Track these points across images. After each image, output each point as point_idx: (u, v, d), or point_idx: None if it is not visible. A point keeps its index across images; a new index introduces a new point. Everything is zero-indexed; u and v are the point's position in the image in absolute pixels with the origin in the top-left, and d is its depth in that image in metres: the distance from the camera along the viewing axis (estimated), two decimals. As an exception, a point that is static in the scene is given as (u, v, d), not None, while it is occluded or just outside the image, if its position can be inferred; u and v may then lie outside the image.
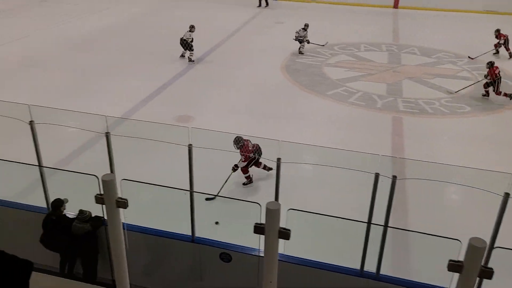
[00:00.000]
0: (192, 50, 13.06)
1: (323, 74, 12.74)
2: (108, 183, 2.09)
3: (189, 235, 5.18)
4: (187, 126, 5.83)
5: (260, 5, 21.45)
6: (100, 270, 5.39)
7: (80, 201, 5.34)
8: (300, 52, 14.30)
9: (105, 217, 2.23)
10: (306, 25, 14.37)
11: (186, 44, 12.97)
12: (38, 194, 5.54)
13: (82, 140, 8.46)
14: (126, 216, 2.36)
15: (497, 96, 10.95)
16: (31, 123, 5.14)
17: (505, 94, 10.90)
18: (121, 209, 2.20)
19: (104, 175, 2.11)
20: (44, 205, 5.54)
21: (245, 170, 7.42)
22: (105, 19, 18.20)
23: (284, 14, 19.73)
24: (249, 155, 7.18)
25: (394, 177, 4.44)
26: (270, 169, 7.47)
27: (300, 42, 14.25)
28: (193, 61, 13.20)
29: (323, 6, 22.01)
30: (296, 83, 12.06)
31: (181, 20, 18.48)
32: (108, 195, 2.12)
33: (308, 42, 14.32)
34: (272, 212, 2.03)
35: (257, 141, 7.28)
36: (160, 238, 5.18)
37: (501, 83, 10.90)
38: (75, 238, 5.08)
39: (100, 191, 2.19)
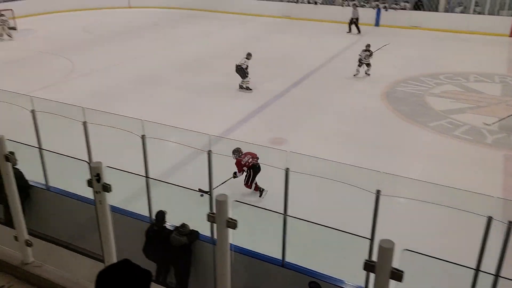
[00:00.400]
0: (246, 77, 12.75)
1: (425, 104, 12.11)
2: (221, 203, 2.14)
3: (280, 259, 5.15)
4: (285, 150, 5.87)
5: (349, 30, 21.14)
6: (190, 282, 5.57)
7: (173, 213, 5.64)
8: (355, 75, 14.14)
9: (215, 236, 2.29)
10: (368, 46, 14.11)
11: (241, 71, 12.70)
12: (140, 203, 5.93)
13: (182, 155, 8.92)
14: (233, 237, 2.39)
15: None
16: (142, 137, 5.56)
17: None
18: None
19: (218, 195, 2.17)
20: (146, 213, 5.90)
21: (248, 186, 7.60)
22: (212, 43, 19.35)
23: (385, 41, 19.26)
24: (242, 167, 7.41)
25: (510, 223, 4.04)
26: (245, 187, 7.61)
27: (360, 65, 14.09)
28: (251, 89, 12.84)
29: (428, 33, 21.11)
30: (396, 111, 11.61)
31: (282, 46, 19.00)
32: (220, 215, 2.17)
33: (372, 53, 14.16)
34: (385, 251, 1.92)
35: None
36: (253, 259, 5.21)
37: None
38: (172, 249, 5.31)
39: (211, 210, 2.26)
